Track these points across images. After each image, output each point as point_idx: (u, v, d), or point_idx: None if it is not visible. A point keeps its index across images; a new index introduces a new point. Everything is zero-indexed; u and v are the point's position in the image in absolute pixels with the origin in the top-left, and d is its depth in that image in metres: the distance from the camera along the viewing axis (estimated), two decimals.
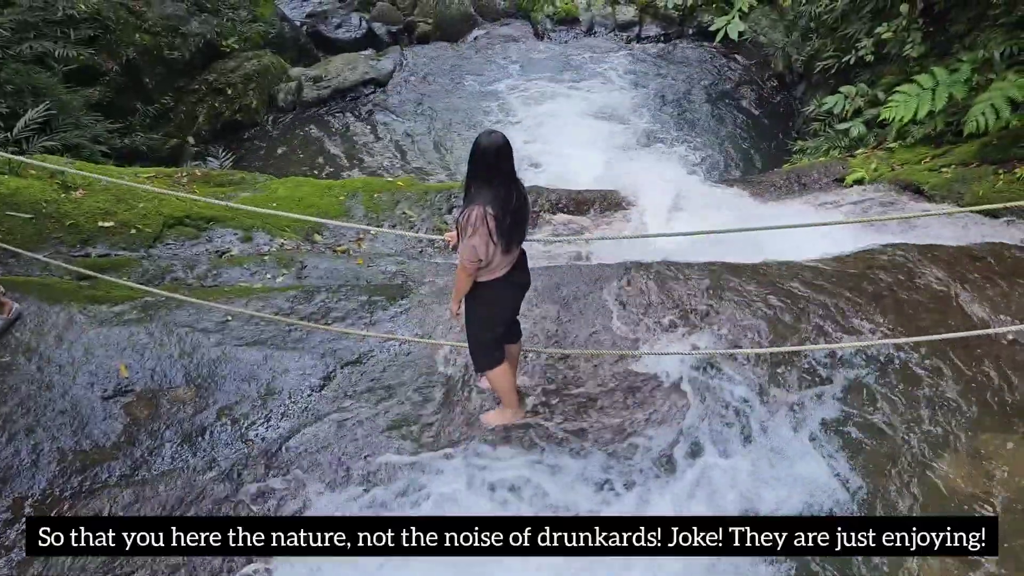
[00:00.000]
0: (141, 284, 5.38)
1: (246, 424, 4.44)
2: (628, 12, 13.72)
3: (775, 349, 4.75)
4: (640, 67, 12.58)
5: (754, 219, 7.49)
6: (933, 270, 5.52)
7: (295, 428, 4.42)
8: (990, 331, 4.61)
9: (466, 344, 4.31)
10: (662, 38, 13.40)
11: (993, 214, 6.59)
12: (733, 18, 9.40)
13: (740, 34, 9.49)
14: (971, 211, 6.24)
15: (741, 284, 5.44)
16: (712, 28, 10.06)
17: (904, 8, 8.41)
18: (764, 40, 12.60)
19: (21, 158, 4.98)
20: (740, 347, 4.87)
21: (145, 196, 6.17)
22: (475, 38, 14.16)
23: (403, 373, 4.80)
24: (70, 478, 4.11)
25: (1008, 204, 4.01)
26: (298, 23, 16.49)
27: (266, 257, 6.00)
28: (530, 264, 4.17)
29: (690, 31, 13.43)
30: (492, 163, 3.62)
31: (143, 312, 5.03)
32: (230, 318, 5.07)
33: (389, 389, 4.71)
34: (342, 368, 4.82)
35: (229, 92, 11.35)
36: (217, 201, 5.31)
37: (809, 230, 6.88)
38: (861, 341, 4.77)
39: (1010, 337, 4.76)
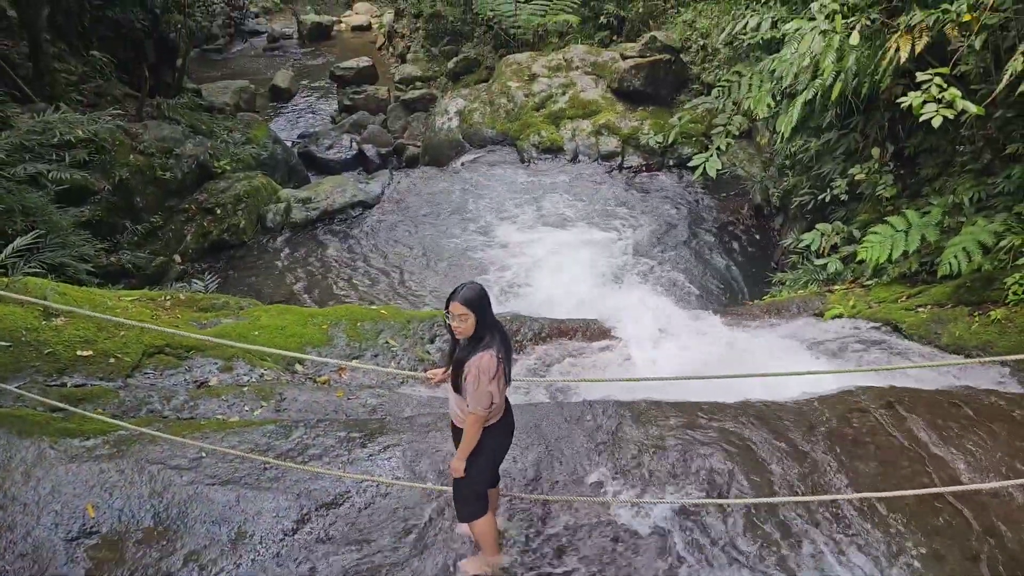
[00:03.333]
0: (116, 416, 5.29)
1: (214, 571, 4.28)
2: (611, 143, 14.18)
3: (756, 500, 4.69)
4: (622, 196, 12.91)
5: (735, 352, 7.55)
6: (912, 416, 5.53)
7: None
8: (972, 487, 4.59)
9: (443, 487, 4.24)
10: (644, 168, 13.81)
11: (970, 355, 6.70)
12: (711, 156, 9.78)
13: (718, 170, 9.86)
14: (978, 363, 6.30)
15: (721, 426, 5.42)
16: (691, 164, 10.46)
17: (875, 152, 8.76)
18: (742, 173, 13.04)
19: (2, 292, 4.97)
20: (719, 495, 4.80)
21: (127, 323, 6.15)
22: (462, 163, 14.54)
23: (380, 516, 4.68)
24: None
25: (1009, 358, 4.06)
26: (290, 143, 16.97)
27: (245, 388, 5.95)
28: (512, 401, 4.18)
29: (670, 162, 13.86)
30: (487, 310, 3.70)
31: (115, 447, 4.93)
32: (204, 454, 4.96)
33: (364, 533, 4.58)
34: (317, 510, 4.69)
35: (218, 212, 11.51)
36: (197, 336, 5.30)
37: (789, 366, 6.98)
38: (842, 495, 4.73)
39: (990, 490, 4.74)
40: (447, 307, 3.72)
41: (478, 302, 3.67)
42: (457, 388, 3.81)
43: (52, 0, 12.16)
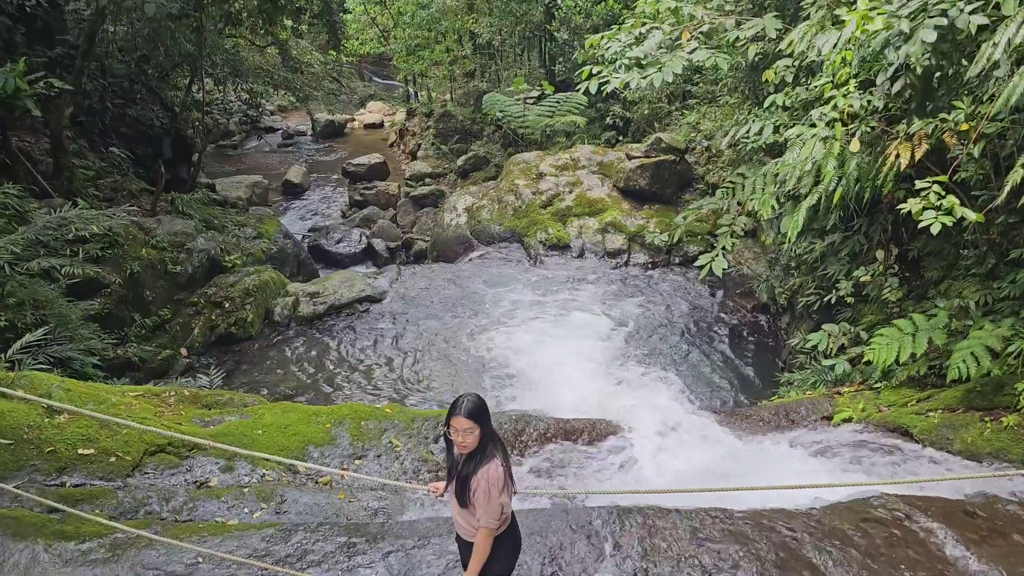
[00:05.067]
0: (114, 517, 5.20)
1: None
2: (617, 240, 14.36)
3: None
4: (628, 293, 12.97)
5: (744, 456, 7.44)
6: (927, 525, 5.40)
7: None
8: None
9: None
10: (650, 265, 13.92)
11: (981, 461, 6.60)
12: (717, 255, 9.88)
13: (724, 269, 9.94)
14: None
15: (730, 536, 5.28)
16: (697, 263, 10.55)
17: (880, 254, 8.83)
18: (748, 271, 13.13)
19: (5, 389, 4.97)
20: None
21: (129, 419, 6.10)
22: (470, 259, 14.69)
23: None
24: None
25: None
26: (300, 237, 17.24)
27: (246, 489, 5.85)
28: (513, 506, 4.09)
29: (676, 260, 13.99)
30: (489, 420, 3.67)
31: (111, 551, 4.82)
32: (201, 559, 4.85)
33: None
34: None
35: (227, 306, 11.58)
36: (198, 440, 5.26)
37: (799, 471, 6.87)
38: None
39: None
40: (448, 422, 3.63)
41: (480, 414, 3.62)
42: (464, 504, 3.72)
43: (76, 100, 12.57)
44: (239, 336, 11.41)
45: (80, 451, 5.79)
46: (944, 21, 6.17)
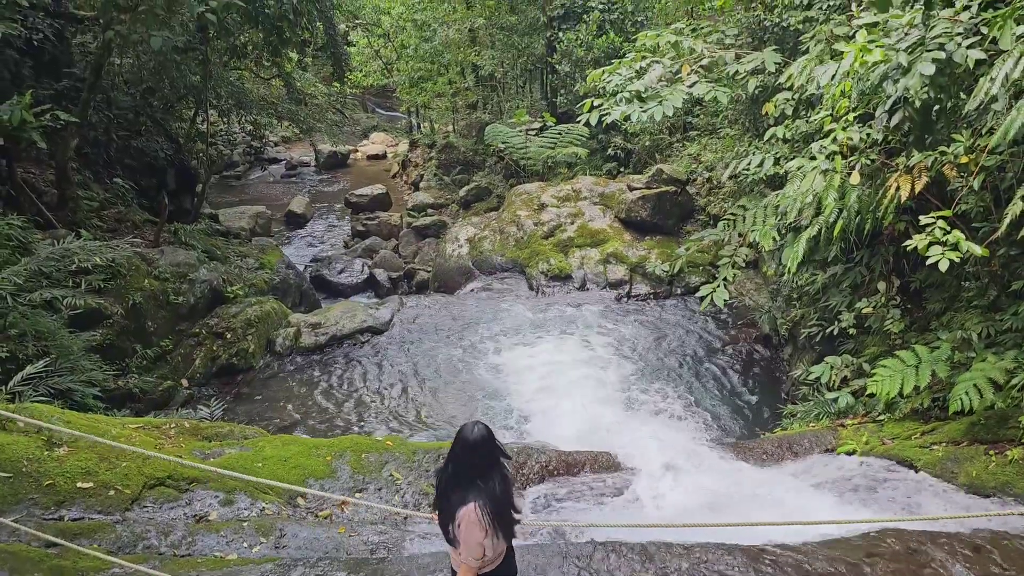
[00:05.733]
0: (112, 552, 5.16)
1: None
2: (619, 271, 14.38)
3: None
4: (630, 324, 12.96)
5: (748, 490, 7.38)
6: (936, 560, 5.34)
7: None
8: None
9: None
10: (651, 296, 13.93)
11: (986, 496, 6.55)
12: (718, 286, 9.88)
13: (725, 301, 9.93)
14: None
15: (738, 572, 5.23)
16: (698, 295, 10.55)
17: (881, 286, 8.83)
18: (750, 302, 13.12)
19: (8, 414, 4.95)
20: None
21: (129, 455, 6.08)
22: (472, 290, 14.70)
23: None
24: None
25: None
26: (303, 267, 17.27)
27: (245, 523, 5.81)
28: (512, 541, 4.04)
29: (678, 290, 14.00)
30: (482, 456, 3.63)
31: None
32: None
33: None
34: None
35: (228, 336, 11.57)
36: (201, 466, 5.23)
37: (803, 505, 6.81)
38: None
39: None
40: None
41: (464, 441, 3.63)
42: (448, 540, 3.69)
43: (81, 132, 12.67)
44: (240, 367, 11.39)
45: (79, 484, 5.76)
46: (942, 55, 6.23)
